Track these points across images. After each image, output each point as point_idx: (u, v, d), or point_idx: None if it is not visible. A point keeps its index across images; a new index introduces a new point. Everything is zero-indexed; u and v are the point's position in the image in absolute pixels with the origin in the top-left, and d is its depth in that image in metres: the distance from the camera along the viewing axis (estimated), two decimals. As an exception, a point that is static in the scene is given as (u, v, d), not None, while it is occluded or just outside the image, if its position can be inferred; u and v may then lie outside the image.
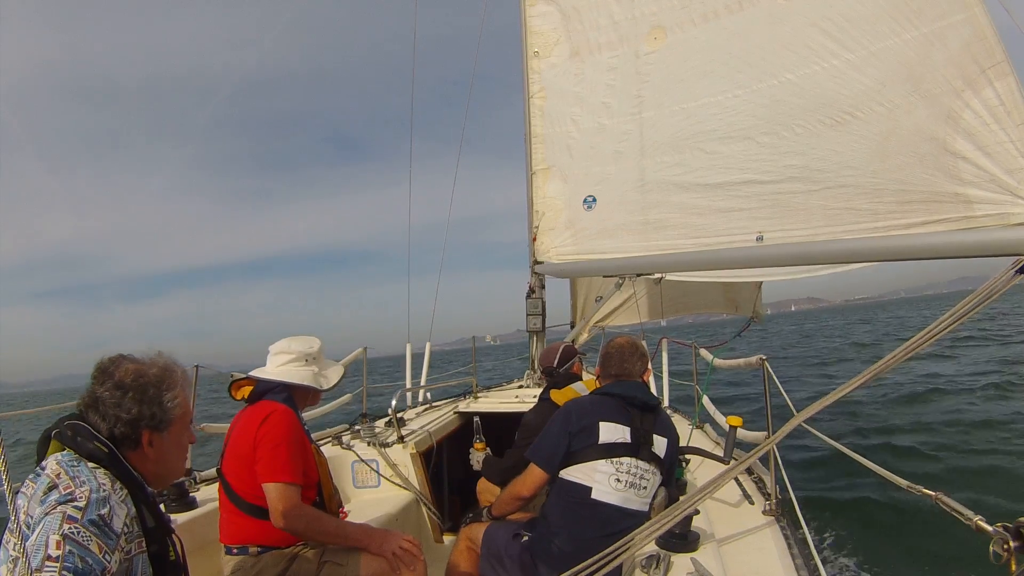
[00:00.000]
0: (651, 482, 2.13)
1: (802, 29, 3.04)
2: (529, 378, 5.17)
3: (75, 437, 1.23)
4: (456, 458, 3.96)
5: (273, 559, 2.00)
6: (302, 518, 1.96)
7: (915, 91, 2.65)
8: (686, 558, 1.92)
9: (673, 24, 3.62)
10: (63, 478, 1.16)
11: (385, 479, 3.31)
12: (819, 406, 1.57)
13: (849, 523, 5.10)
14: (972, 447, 7.01)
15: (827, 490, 5.95)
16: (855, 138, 2.87)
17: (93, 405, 1.28)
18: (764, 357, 2.76)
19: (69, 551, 1.03)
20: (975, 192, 2.44)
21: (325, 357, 2.34)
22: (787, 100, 3.11)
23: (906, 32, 2.67)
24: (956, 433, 7.71)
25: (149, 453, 1.32)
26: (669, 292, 6.30)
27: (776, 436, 1.66)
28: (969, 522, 1.42)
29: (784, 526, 2.25)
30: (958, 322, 1.46)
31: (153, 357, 1.38)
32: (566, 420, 2.15)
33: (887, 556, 4.49)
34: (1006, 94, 2.37)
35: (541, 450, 2.18)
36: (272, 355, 2.23)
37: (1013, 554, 1.20)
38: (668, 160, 3.65)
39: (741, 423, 2.76)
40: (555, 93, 4.33)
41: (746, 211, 3.28)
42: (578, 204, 4.16)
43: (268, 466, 1.96)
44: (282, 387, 2.14)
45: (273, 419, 2.01)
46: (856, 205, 2.86)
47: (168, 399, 1.33)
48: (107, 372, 1.30)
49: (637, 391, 2.22)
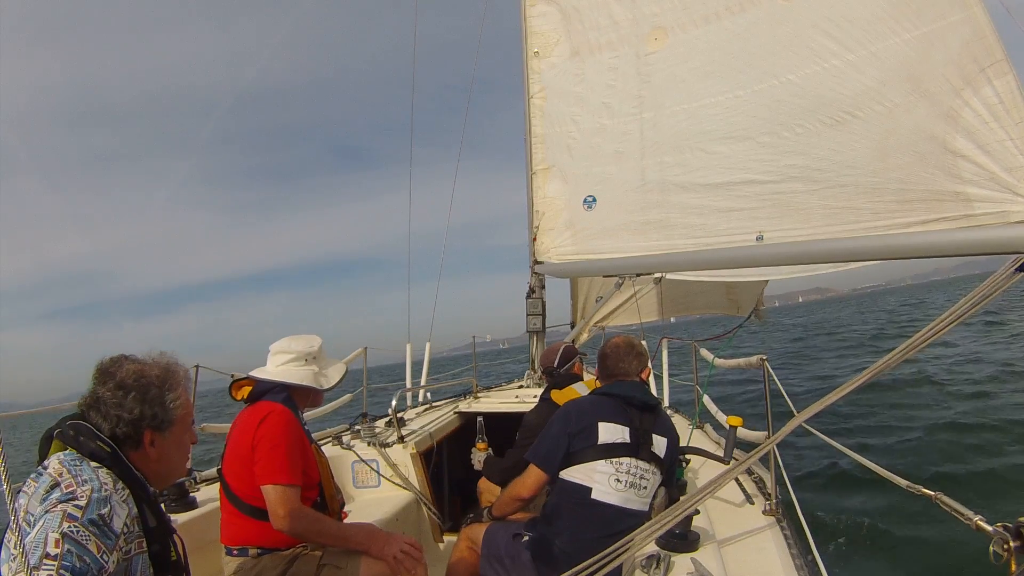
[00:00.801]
0: (651, 482, 2.13)
1: (803, 30, 3.04)
2: (529, 378, 5.17)
3: (77, 436, 1.24)
4: (456, 458, 3.96)
5: (272, 561, 1.99)
6: (302, 520, 1.94)
7: (915, 90, 2.65)
8: (686, 558, 1.92)
9: (674, 25, 3.63)
10: (65, 477, 1.16)
11: (385, 479, 3.30)
12: (819, 406, 1.57)
13: (849, 523, 5.09)
14: (973, 446, 6.99)
15: (827, 490, 5.94)
16: (855, 138, 2.87)
17: (95, 405, 1.28)
18: (764, 357, 2.76)
19: (67, 550, 1.03)
20: (975, 190, 2.44)
21: (327, 355, 2.33)
22: (788, 100, 3.12)
23: (906, 32, 2.67)
24: (958, 432, 7.70)
25: (151, 453, 1.32)
26: (670, 293, 6.30)
27: (776, 436, 1.65)
28: (969, 522, 1.42)
29: (784, 526, 2.24)
30: (958, 320, 1.46)
31: (155, 357, 1.38)
32: (565, 421, 2.15)
33: (887, 556, 4.48)
34: (1005, 92, 2.37)
35: (540, 451, 2.17)
36: (272, 355, 2.21)
37: (1013, 554, 1.20)
38: (668, 160, 3.65)
39: (741, 423, 2.76)
40: (555, 93, 4.33)
41: (746, 211, 3.29)
42: (578, 204, 4.16)
43: (266, 467, 1.94)
44: (281, 387, 2.13)
45: (270, 420, 2.00)
46: (856, 204, 2.87)
47: (170, 399, 1.33)
48: (109, 372, 1.30)
49: (636, 391, 2.22)
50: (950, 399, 9.86)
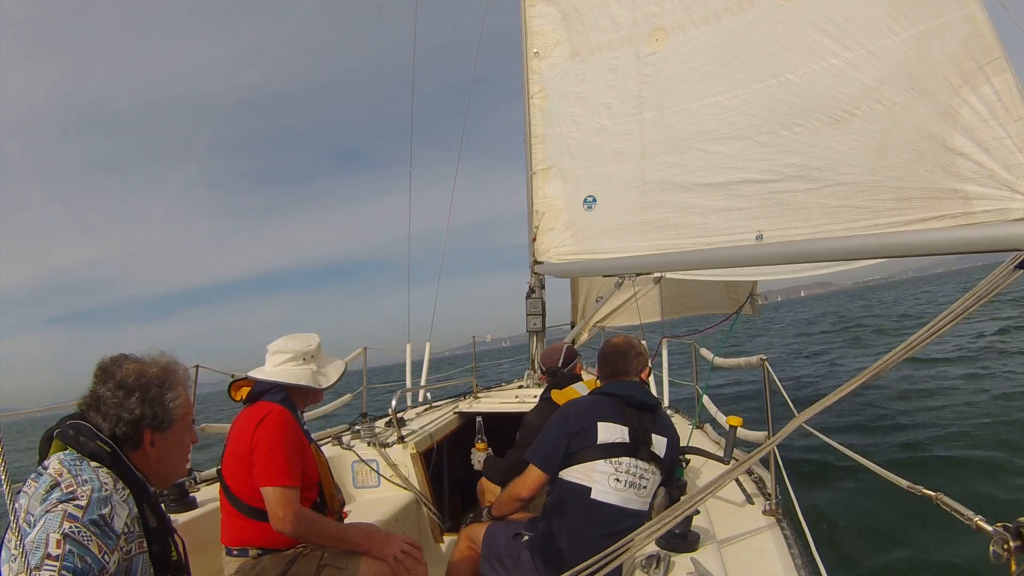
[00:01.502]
0: (651, 482, 2.12)
1: (801, 29, 3.04)
2: (529, 378, 5.17)
3: (77, 436, 1.23)
4: (456, 458, 3.96)
5: (272, 562, 1.99)
6: (302, 522, 1.94)
7: (913, 88, 2.65)
8: (686, 558, 1.92)
9: (674, 25, 3.63)
10: (65, 477, 1.15)
11: (385, 479, 3.30)
12: (820, 406, 1.56)
13: (849, 523, 5.08)
14: (974, 445, 6.98)
15: (827, 490, 5.93)
16: (854, 136, 2.87)
17: (95, 405, 1.28)
18: (764, 357, 2.75)
19: (69, 550, 1.03)
20: (974, 188, 2.44)
21: (326, 354, 2.32)
22: (786, 100, 3.12)
23: (904, 30, 2.67)
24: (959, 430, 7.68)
25: (151, 453, 1.32)
26: (670, 292, 6.29)
27: (777, 437, 1.65)
28: (969, 522, 1.42)
29: (784, 526, 2.24)
30: (958, 319, 1.45)
31: (155, 356, 1.38)
32: (564, 421, 2.15)
33: (887, 556, 4.48)
34: (1004, 90, 2.37)
35: (540, 451, 2.17)
36: (270, 354, 2.20)
37: (1013, 554, 1.20)
38: (668, 160, 3.65)
39: (741, 423, 2.75)
40: (555, 93, 4.33)
41: (746, 210, 3.29)
42: (578, 204, 4.16)
43: (265, 469, 1.94)
44: (279, 387, 2.12)
45: (268, 421, 1.99)
46: (855, 203, 2.87)
47: (170, 399, 1.33)
48: (109, 372, 1.30)
49: (635, 391, 2.21)
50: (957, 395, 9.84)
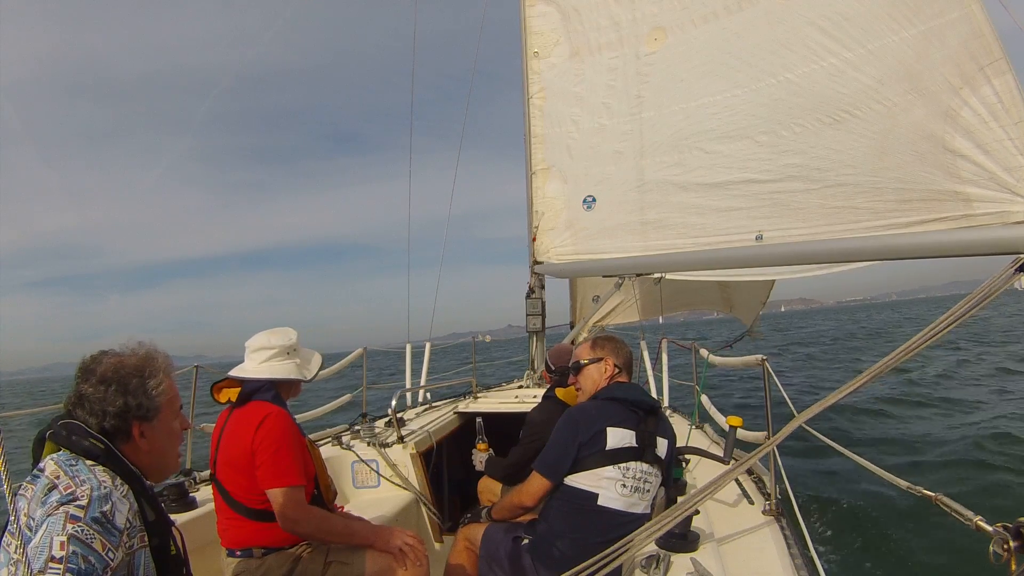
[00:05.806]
0: (653, 484, 2.13)
1: (800, 28, 3.03)
2: (529, 378, 5.17)
3: (70, 436, 1.23)
4: (456, 458, 3.96)
5: (278, 560, 1.99)
6: (311, 520, 1.97)
7: (913, 89, 2.64)
8: (686, 558, 1.92)
9: (673, 25, 3.63)
10: (63, 478, 1.15)
11: (385, 479, 3.30)
12: (819, 407, 1.57)
13: (849, 523, 5.09)
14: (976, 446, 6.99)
15: (827, 490, 5.94)
16: (854, 137, 2.86)
17: (80, 403, 1.28)
18: (764, 357, 2.76)
19: (73, 551, 1.03)
20: (974, 190, 2.44)
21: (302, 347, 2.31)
22: (786, 99, 3.11)
23: (904, 30, 2.66)
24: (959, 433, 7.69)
25: (142, 444, 1.32)
26: (666, 288, 6.31)
27: (777, 437, 1.65)
28: (969, 522, 1.42)
29: (784, 526, 2.24)
30: (958, 322, 1.46)
31: (133, 347, 1.38)
32: (573, 429, 2.11)
33: (887, 556, 4.48)
34: (1004, 91, 2.37)
35: (548, 460, 2.14)
36: (251, 352, 2.18)
37: (1013, 554, 1.20)
38: (668, 160, 3.65)
39: (741, 423, 2.75)
40: (555, 93, 4.33)
41: (745, 210, 3.28)
42: (578, 204, 4.16)
43: (271, 471, 1.94)
44: (268, 385, 2.12)
45: (269, 423, 1.99)
46: (855, 204, 2.86)
47: (152, 386, 1.33)
48: (90, 370, 1.30)
49: (641, 394, 2.22)
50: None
